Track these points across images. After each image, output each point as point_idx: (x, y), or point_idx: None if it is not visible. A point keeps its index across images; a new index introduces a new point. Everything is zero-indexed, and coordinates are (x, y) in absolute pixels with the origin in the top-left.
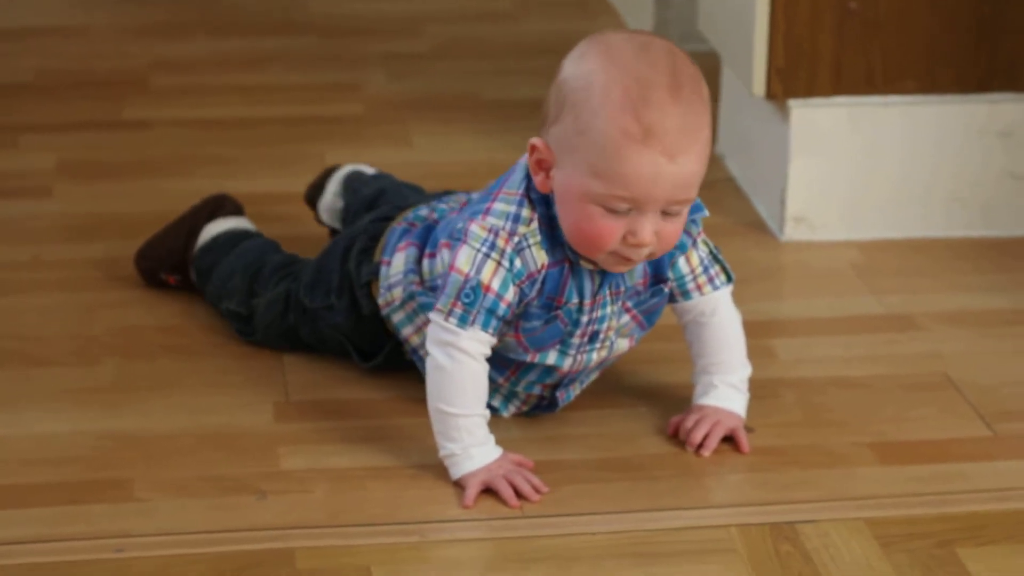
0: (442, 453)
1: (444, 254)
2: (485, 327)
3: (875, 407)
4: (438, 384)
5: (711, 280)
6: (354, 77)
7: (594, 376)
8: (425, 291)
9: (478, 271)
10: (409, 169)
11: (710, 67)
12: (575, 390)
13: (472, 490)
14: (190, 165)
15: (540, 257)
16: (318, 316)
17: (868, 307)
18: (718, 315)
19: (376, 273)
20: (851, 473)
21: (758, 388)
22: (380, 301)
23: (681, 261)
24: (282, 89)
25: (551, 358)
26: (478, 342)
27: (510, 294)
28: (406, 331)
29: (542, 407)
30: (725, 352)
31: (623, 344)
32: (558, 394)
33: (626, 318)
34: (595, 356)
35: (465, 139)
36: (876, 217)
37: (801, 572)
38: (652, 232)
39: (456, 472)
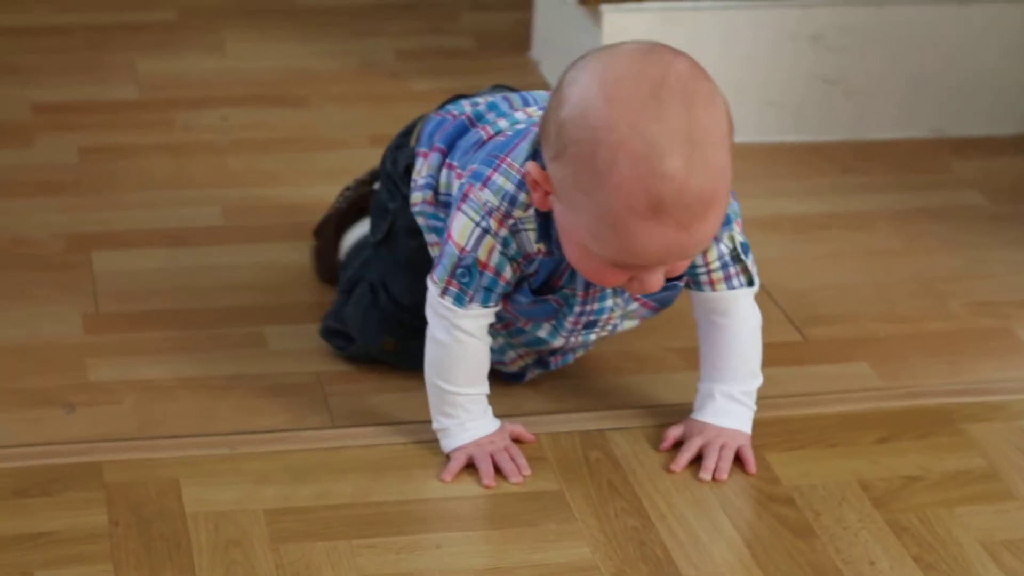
0: (435, 426)
1: (454, 185)
2: (484, 303)
3: (686, 312)
4: (437, 359)
5: (727, 278)
6: None
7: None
8: (435, 212)
9: (475, 247)
10: (223, 76)
11: None
12: (572, 356)
13: (455, 464)
14: None
15: (535, 243)
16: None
17: None
18: (730, 317)
19: (413, 159)
20: (660, 378)
21: None
22: (411, 195)
23: None
24: None
25: (543, 331)
26: (477, 318)
27: (508, 272)
28: (425, 236)
29: (538, 366)
30: (730, 359)
31: (629, 325)
32: (551, 359)
33: (635, 305)
34: (593, 337)
35: (280, 46)
36: None
37: (610, 479)
38: (661, 280)
39: (448, 444)
